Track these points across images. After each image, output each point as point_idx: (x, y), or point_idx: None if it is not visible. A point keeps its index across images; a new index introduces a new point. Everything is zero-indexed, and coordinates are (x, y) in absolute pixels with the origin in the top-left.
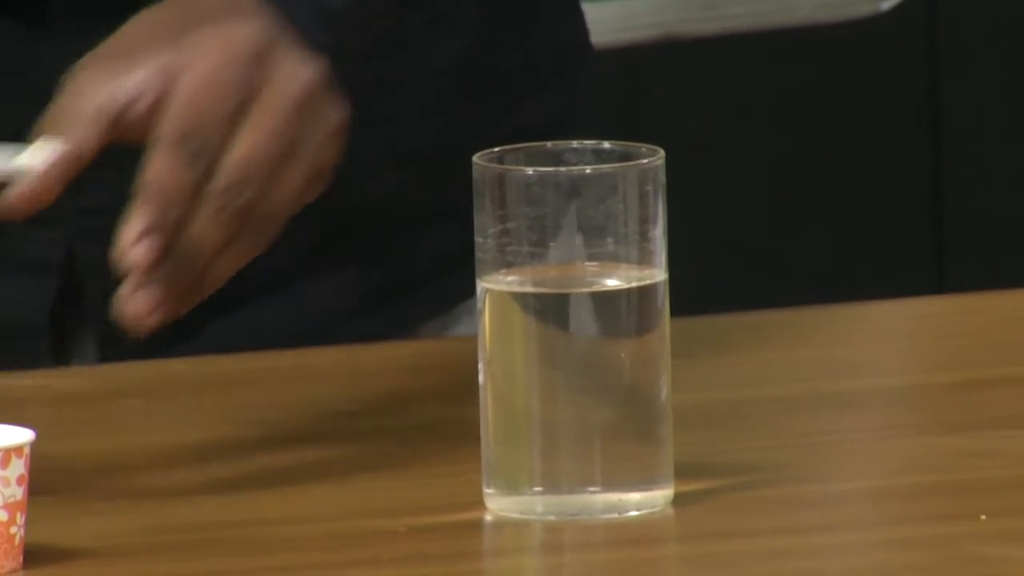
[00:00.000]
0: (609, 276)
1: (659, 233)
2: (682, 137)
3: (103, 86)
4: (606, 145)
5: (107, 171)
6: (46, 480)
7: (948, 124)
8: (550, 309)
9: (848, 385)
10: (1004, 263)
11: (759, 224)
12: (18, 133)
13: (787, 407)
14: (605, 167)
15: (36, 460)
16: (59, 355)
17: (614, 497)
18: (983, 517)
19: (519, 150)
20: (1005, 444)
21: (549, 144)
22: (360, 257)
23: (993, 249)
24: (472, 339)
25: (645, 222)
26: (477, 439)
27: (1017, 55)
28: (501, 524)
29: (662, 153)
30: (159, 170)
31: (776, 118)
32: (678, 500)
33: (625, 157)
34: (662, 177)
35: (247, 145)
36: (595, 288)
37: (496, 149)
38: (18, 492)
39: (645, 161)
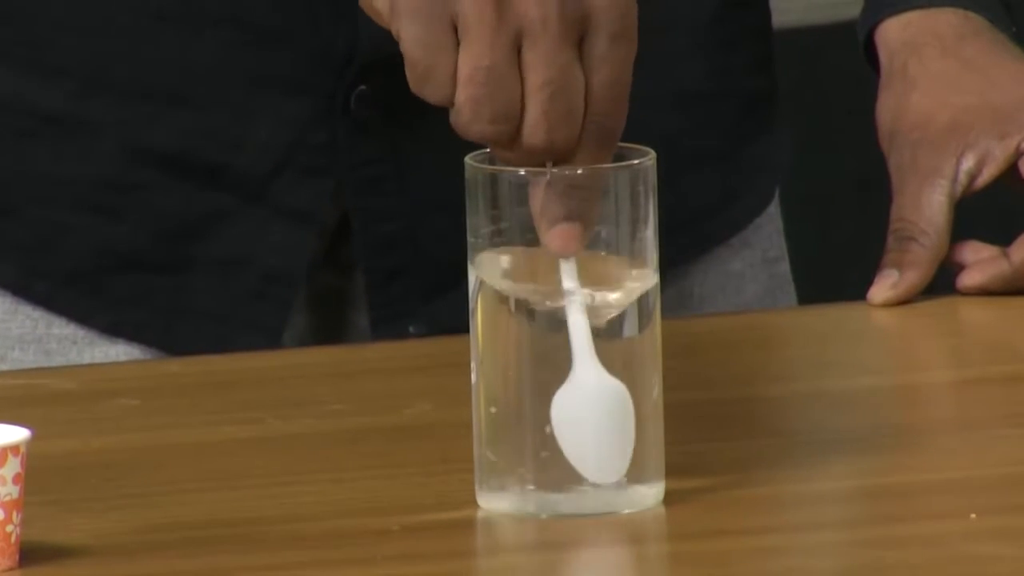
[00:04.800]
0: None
1: (650, 234)
2: None
3: None
4: None
5: (382, 124)
6: (42, 479)
7: None
8: (542, 309)
9: (838, 384)
10: None
11: None
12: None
13: (777, 406)
14: (597, 168)
15: (32, 459)
16: (326, 308)
17: (606, 495)
18: (973, 515)
19: None
20: (995, 442)
21: None
22: None
23: None
24: (465, 338)
25: (636, 223)
26: (470, 438)
27: None
28: (494, 522)
29: (653, 154)
30: None
31: None
32: (669, 498)
33: (617, 158)
34: (653, 178)
35: None
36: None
37: (487, 150)
38: (14, 491)
39: (636, 162)
